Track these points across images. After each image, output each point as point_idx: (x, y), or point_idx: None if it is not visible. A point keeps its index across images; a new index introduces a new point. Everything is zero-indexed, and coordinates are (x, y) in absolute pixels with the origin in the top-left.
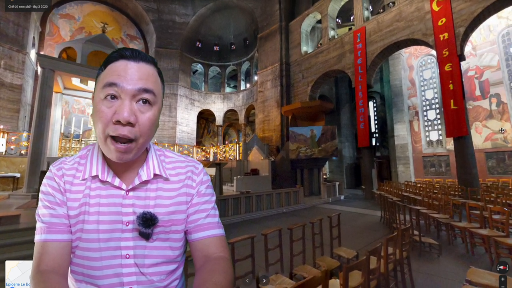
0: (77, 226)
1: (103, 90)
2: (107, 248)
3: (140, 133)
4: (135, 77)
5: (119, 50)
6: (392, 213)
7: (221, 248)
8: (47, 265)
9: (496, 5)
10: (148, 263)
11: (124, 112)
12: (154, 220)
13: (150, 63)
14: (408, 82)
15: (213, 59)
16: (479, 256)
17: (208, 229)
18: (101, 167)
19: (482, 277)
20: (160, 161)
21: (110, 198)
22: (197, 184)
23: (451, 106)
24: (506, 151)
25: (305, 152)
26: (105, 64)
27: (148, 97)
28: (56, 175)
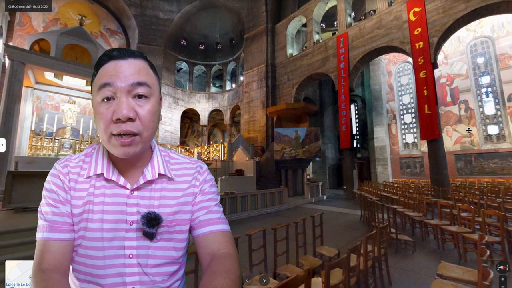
0: (80, 225)
1: (99, 93)
2: (110, 247)
3: (143, 126)
4: (126, 74)
5: (107, 52)
6: (371, 212)
7: (225, 243)
8: (49, 264)
9: (465, 18)
10: (152, 263)
11: (122, 110)
12: (159, 220)
13: (139, 58)
14: (387, 87)
15: (198, 58)
16: (449, 251)
17: (211, 224)
18: (106, 166)
19: (451, 271)
20: (165, 161)
21: (114, 197)
22: (201, 182)
23: (425, 110)
24: (472, 153)
25: (290, 153)
26: (96, 68)
27: (143, 90)
28: (61, 173)
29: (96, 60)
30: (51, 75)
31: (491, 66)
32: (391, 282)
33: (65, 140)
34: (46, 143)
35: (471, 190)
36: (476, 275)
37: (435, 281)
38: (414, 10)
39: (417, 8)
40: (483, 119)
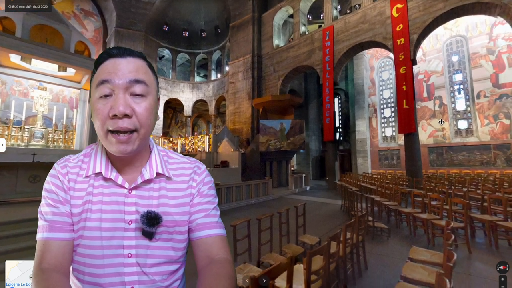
0: (79, 224)
1: (97, 89)
2: (109, 247)
3: (140, 123)
4: (125, 71)
5: (107, 50)
6: (351, 202)
7: (223, 249)
8: (49, 263)
9: (443, 17)
10: (150, 263)
11: (119, 106)
12: (158, 219)
13: (138, 57)
14: (369, 82)
15: (181, 45)
16: (420, 236)
17: (209, 228)
18: (105, 165)
19: (421, 255)
20: (163, 161)
21: (113, 196)
22: (198, 183)
23: (404, 105)
24: (444, 147)
25: (275, 145)
26: (95, 66)
27: (141, 88)
28: (60, 173)
29: (69, 42)
30: (18, 58)
31: (464, 64)
32: (367, 267)
33: (36, 130)
34: (15, 132)
35: (441, 181)
36: (442, 258)
37: (406, 264)
38: (397, 6)
39: (400, 4)
40: (455, 114)
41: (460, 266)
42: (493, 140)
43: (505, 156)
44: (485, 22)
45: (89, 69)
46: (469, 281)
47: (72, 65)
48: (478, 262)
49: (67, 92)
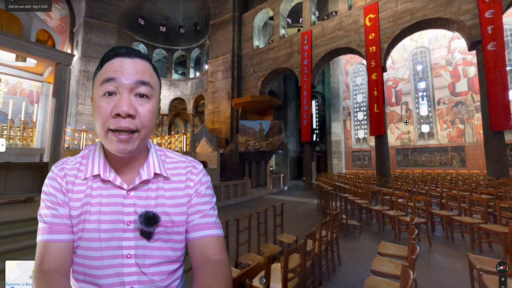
0: (78, 226)
1: (101, 87)
2: (108, 248)
3: (142, 124)
4: (131, 72)
5: (114, 48)
6: (326, 201)
7: (219, 250)
8: (49, 265)
9: (410, 29)
10: (149, 263)
11: (123, 106)
12: (157, 219)
13: (144, 59)
14: (344, 86)
15: (158, 41)
16: (388, 232)
17: (206, 229)
18: (103, 166)
19: (388, 249)
20: (160, 160)
21: (111, 197)
22: (196, 183)
23: (375, 109)
24: (409, 148)
25: (254, 145)
26: (101, 63)
27: (146, 90)
28: (58, 176)
29: (29, 30)
30: None
31: (427, 73)
32: (340, 262)
33: None
34: None
35: (406, 180)
36: (407, 251)
37: (376, 258)
38: (369, 16)
39: (372, 14)
40: (419, 119)
41: (422, 258)
42: (450, 143)
43: (460, 157)
44: (445, 36)
45: (53, 60)
46: (429, 272)
47: (32, 55)
48: (437, 254)
49: (26, 85)
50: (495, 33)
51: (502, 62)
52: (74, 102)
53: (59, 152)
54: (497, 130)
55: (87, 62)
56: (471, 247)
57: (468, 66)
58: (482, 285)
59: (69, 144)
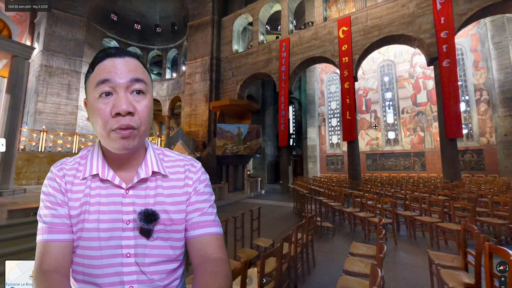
0: (78, 226)
1: (96, 89)
2: (107, 247)
3: (140, 121)
4: (124, 71)
5: (104, 50)
6: (302, 204)
7: (219, 248)
8: (49, 265)
9: (378, 43)
10: (149, 262)
11: (122, 104)
12: (156, 216)
13: (134, 57)
14: (319, 93)
15: (132, 39)
16: (358, 233)
17: (205, 227)
18: (101, 166)
19: (359, 249)
20: (158, 159)
21: (110, 197)
22: (194, 182)
23: (347, 116)
24: (377, 153)
25: (231, 149)
26: (92, 66)
27: (141, 87)
28: (57, 176)
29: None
30: None
31: (393, 84)
32: (315, 264)
33: None
34: None
35: (375, 183)
36: (375, 250)
37: (348, 258)
38: (343, 28)
39: (345, 27)
40: (386, 126)
41: (388, 256)
42: (412, 149)
43: (421, 162)
44: (408, 52)
45: (8, 52)
46: (395, 269)
47: None
48: (401, 252)
49: None
50: (449, 52)
51: (455, 77)
52: (33, 100)
53: (12, 154)
54: (451, 138)
55: (50, 56)
56: (430, 244)
57: (427, 79)
58: (440, 279)
59: (25, 146)
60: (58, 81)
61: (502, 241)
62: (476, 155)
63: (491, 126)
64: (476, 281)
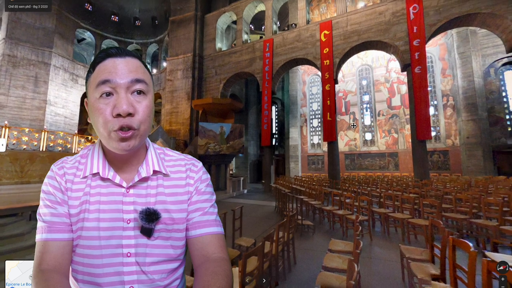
0: (78, 225)
1: (97, 89)
2: (108, 246)
3: (141, 121)
4: (125, 71)
5: (105, 50)
6: (284, 203)
7: (219, 248)
8: (49, 264)
9: (357, 48)
10: (149, 262)
11: (123, 105)
12: (157, 215)
13: (135, 57)
14: (302, 94)
15: (109, 31)
16: (337, 230)
17: (206, 227)
18: (102, 165)
19: (337, 245)
20: (159, 158)
21: (110, 196)
22: (196, 181)
23: (328, 117)
24: (355, 154)
25: (214, 148)
26: (92, 66)
27: (142, 87)
28: (58, 174)
29: None
30: None
31: (370, 88)
32: (295, 262)
33: None
34: None
35: (353, 182)
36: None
37: (327, 255)
38: (324, 32)
39: (327, 31)
40: (363, 127)
41: (364, 251)
42: (387, 150)
43: (394, 162)
44: (384, 57)
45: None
46: (370, 263)
47: None
48: (376, 247)
49: None
50: (420, 59)
51: (425, 83)
52: None
53: None
54: (421, 140)
55: (14, 45)
56: (402, 239)
57: (401, 84)
58: (410, 271)
59: None
60: (23, 72)
61: (464, 235)
62: (443, 155)
63: (455, 129)
64: (441, 272)
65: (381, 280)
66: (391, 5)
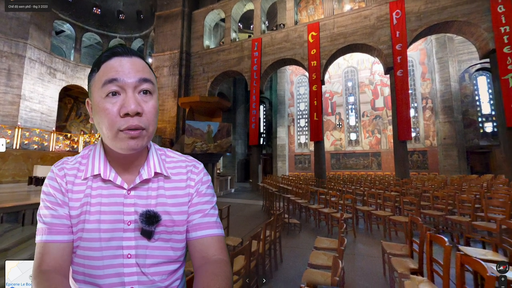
0: (78, 226)
1: (103, 88)
2: (108, 248)
3: (148, 121)
4: (132, 70)
5: (110, 49)
6: (271, 202)
7: (220, 249)
8: (49, 265)
9: (343, 50)
10: (150, 263)
11: (131, 104)
12: (157, 218)
13: (140, 57)
14: (289, 94)
15: (90, 23)
16: (323, 228)
17: (206, 228)
18: (103, 166)
19: (323, 243)
20: (161, 160)
21: (111, 197)
22: (196, 183)
23: (314, 117)
24: (340, 153)
25: (201, 147)
26: (97, 65)
27: (148, 87)
28: (58, 176)
29: None
30: None
31: (355, 89)
32: (282, 260)
33: None
34: None
35: (338, 181)
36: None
37: (312, 252)
38: (312, 33)
39: (314, 32)
40: (348, 128)
41: (348, 248)
42: (371, 150)
43: (377, 161)
44: (368, 60)
45: None
46: (354, 259)
47: None
48: (360, 244)
49: None
50: (402, 63)
51: (406, 86)
52: None
53: None
54: (402, 140)
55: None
56: (383, 236)
57: (384, 86)
58: (390, 266)
59: None
60: None
61: (440, 230)
62: (422, 155)
63: (433, 130)
64: (419, 265)
65: (364, 276)
66: (375, 10)
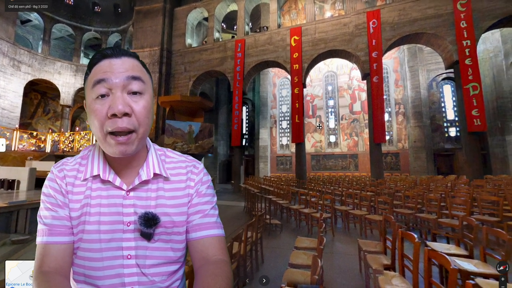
0: (78, 227)
1: (93, 90)
2: (108, 249)
3: (139, 122)
4: (121, 70)
5: (100, 51)
6: (253, 203)
7: (220, 250)
8: (49, 267)
9: (324, 55)
10: (149, 264)
11: (118, 105)
12: (156, 220)
13: (132, 57)
14: (272, 96)
15: (61, 14)
16: (303, 228)
17: (206, 229)
18: (103, 167)
19: (303, 243)
20: (160, 160)
21: (111, 198)
22: (196, 183)
23: (296, 119)
24: (320, 155)
25: (182, 147)
26: (89, 67)
27: (138, 86)
28: (58, 177)
29: None
30: None
31: (335, 93)
32: (263, 260)
33: None
34: None
35: (318, 182)
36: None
37: (293, 252)
38: (294, 37)
39: (297, 36)
40: (328, 130)
41: (327, 247)
42: (348, 151)
43: (355, 163)
44: (347, 66)
45: None
46: (332, 258)
47: None
48: (338, 242)
49: None
50: (378, 69)
51: (381, 92)
52: None
53: None
54: (377, 143)
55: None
56: (360, 234)
57: (361, 91)
58: (366, 263)
59: None
60: None
61: (411, 227)
62: (395, 157)
63: (405, 134)
64: (392, 261)
65: (341, 273)
66: (354, 18)
